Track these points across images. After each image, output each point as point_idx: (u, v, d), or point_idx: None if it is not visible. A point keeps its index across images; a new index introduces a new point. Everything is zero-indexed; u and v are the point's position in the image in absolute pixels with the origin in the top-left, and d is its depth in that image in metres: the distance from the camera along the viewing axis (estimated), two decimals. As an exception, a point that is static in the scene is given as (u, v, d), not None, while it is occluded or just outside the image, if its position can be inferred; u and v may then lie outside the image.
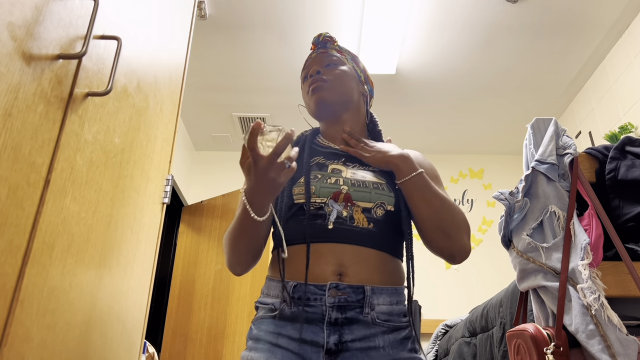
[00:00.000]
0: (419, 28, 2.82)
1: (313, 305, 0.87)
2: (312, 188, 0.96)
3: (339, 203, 0.94)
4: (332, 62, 1.11)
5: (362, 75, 1.16)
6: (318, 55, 1.13)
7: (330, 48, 1.15)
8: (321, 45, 1.16)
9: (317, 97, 1.07)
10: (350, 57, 1.16)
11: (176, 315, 3.28)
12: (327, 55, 1.13)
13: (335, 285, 0.87)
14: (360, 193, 0.95)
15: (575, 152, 1.30)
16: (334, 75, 1.09)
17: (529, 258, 1.24)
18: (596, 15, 2.70)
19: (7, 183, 0.71)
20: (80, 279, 0.94)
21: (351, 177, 0.98)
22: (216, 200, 3.56)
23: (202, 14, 2.68)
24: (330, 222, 0.93)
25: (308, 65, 1.14)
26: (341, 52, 1.15)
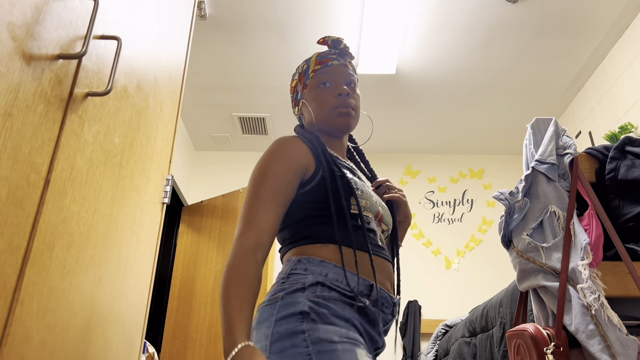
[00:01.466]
0: (419, 28, 2.82)
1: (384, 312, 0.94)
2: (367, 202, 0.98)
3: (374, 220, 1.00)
4: (352, 82, 1.11)
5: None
6: (340, 67, 1.11)
7: (348, 62, 1.14)
8: (340, 54, 1.13)
9: (346, 123, 1.07)
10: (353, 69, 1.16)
11: (176, 315, 3.28)
12: (348, 72, 1.11)
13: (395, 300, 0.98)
14: (387, 217, 1.05)
15: (575, 152, 1.30)
16: (356, 102, 1.10)
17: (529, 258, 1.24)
18: (596, 15, 2.70)
19: (7, 183, 0.71)
20: (80, 279, 0.94)
21: (377, 198, 1.05)
22: (216, 200, 3.56)
23: (202, 14, 2.69)
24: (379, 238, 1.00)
25: (330, 72, 1.10)
26: (353, 67, 1.15)
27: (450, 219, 4.04)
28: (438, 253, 3.92)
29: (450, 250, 3.93)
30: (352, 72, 1.12)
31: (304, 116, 1.14)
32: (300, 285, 0.88)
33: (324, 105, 1.07)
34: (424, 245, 3.95)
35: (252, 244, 0.86)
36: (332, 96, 1.07)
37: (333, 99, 1.07)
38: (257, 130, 3.93)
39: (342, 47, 1.13)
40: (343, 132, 1.10)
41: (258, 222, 0.89)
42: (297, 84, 1.16)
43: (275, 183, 0.94)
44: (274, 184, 0.94)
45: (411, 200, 4.12)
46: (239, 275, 0.82)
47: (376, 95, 3.47)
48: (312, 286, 0.88)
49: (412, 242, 3.95)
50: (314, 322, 0.83)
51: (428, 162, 4.23)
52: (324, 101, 1.08)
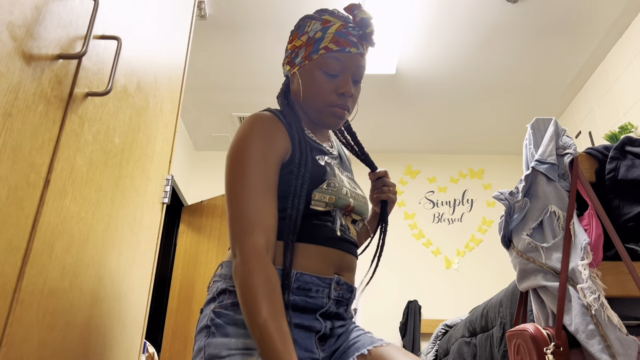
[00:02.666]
0: (419, 28, 2.82)
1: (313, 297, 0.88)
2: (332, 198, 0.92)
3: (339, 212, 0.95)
4: (361, 79, 1.01)
5: None
6: (356, 58, 0.97)
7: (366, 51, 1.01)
8: (362, 37, 0.98)
9: (335, 124, 0.99)
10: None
11: (176, 315, 3.28)
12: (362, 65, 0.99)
13: (337, 280, 0.91)
14: (360, 207, 0.99)
15: (575, 152, 1.30)
16: (355, 102, 1.01)
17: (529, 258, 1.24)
18: (596, 15, 2.70)
19: (7, 183, 0.71)
20: (80, 279, 0.94)
21: (350, 189, 0.98)
22: (216, 200, 3.56)
23: (202, 14, 2.68)
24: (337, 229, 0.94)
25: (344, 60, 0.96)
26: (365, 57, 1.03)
27: (450, 219, 4.04)
28: (438, 253, 3.92)
29: (450, 250, 3.93)
30: (365, 62, 1.00)
31: (293, 83, 1.02)
32: (212, 295, 0.87)
33: (321, 97, 0.97)
34: (424, 245, 3.95)
35: (263, 243, 0.80)
36: (333, 91, 0.96)
37: (333, 96, 0.96)
38: (257, 130, 3.93)
39: (368, 32, 0.97)
40: (328, 129, 1.03)
41: (263, 218, 0.82)
42: (301, 45, 1.00)
43: (264, 167, 0.87)
44: (264, 168, 0.86)
45: (411, 200, 4.12)
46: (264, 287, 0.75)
47: (376, 95, 3.47)
48: (220, 294, 0.86)
49: (412, 242, 3.95)
50: (211, 336, 0.81)
51: (428, 162, 4.23)
52: (323, 92, 0.97)
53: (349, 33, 0.97)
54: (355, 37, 0.97)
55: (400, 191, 4.15)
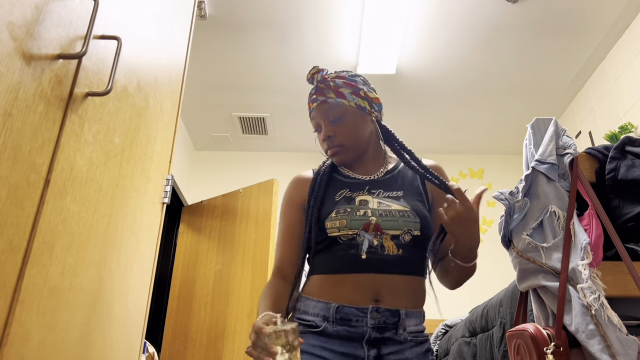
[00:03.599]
0: (419, 28, 2.82)
1: (354, 326, 0.99)
2: (343, 222, 1.05)
3: (369, 233, 1.03)
4: (336, 117, 1.12)
5: (367, 102, 1.15)
6: (320, 107, 1.14)
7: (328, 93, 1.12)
8: (317, 90, 1.14)
9: (339, 161, 1.16)
10: (350, 91, 1.13)
11: (176, 315, 3.28)
12: (329, 107, 1.12)
13: (375, 309, 0.99)
14: (388, 222, 1.04)
15: (575, 152, 1.30)
16: (343, 136, 1.12)
17: (529, 258, 1.24)
18: (596, 15, 2.70)
19: (7, 183, 0.71)
20: (80, 279, 0.94)
21: (378, 208, 1.06)
22: (216, 200, 3.56)
23: (202, 14, 2.68)
24: (363, 252, 1.02)
25: (314, 116, 1.16)
26: (339, 92, 1.12)
27: (450, 219, 4.04)
28: (438, 253, 3.91)
29: (450, 250, 3.92)
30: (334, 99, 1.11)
31: None
32: None
33: (322, 148, 1.18)
34: (424, 245, 3.94)
35: (278, 273, 1.10)
36: (322, 140, 1.16)
37: (323, 143, 1.16)
38: (257, 130, 3.93)
39: (316, 85, 1.14)
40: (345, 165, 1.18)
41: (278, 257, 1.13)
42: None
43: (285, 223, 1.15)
44: (284, 224, 1.16)
45: (411, 200, 4.12)
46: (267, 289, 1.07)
47: (376, 95, 3.47)
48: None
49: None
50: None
51: (428, 162, 4.23)
52: (320, 144, 1.18)
53: (311, 94, 1.17)
54: (314, 93, 1.15)
55: (400, 191, 4.15)
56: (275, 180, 3.20)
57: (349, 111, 1.13)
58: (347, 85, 1.14)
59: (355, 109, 1.13)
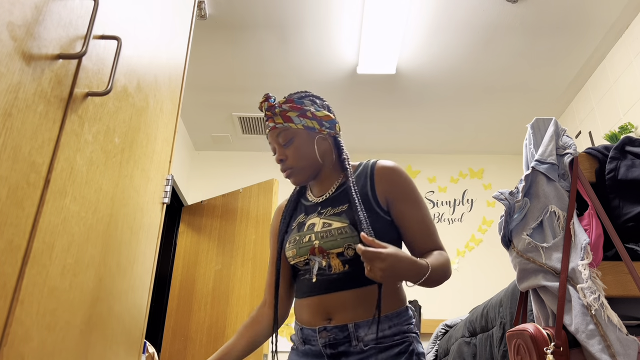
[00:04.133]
0: (419, 28, 2.82)
1: (314, 344, 1.10)
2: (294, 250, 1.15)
3: (317, 256, 1.12)
4: (286, 140, 1.18)
5: (315, 122, 1.18)
6: (272, 133, 1.20)
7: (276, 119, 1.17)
8: (267, 117, 1.20)
9: (294, 182, 1.21)
10: (297, 114, 1.17)
11: (176, 315, 3.28)
12: (278, 132, 1.18)
13: (323, 328, 1.08)
14: (329, 242, 1.10)
15: (575, 152, 1.30)
16: (292, 159, 1.17)
17: (529, 258, 1.24)
18: (596, 15, 2.70)
19: (7, 183, 0.71)
20: (80, 278, 0.94)
21: (321, 230, 1.13)
22: (216, 200, 3.56)
23: (202, 14, 2.68)
24: (313, 276, 1.11)
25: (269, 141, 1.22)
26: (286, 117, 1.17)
27: (450, 219, 4.04)
28: (438, 253, 3.91)
29: (450, 250, 3.92)
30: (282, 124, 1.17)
31: None
32: None
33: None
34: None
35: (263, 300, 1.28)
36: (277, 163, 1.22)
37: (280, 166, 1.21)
38: (257, 130, 3.93)
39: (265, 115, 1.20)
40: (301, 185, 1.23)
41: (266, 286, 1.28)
42: None
43: (270, 251, 1.29)
44: (270, 253, 1.29)
45: (411, 200, 4.11)
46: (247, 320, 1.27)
47: (376, 95, 3.47)
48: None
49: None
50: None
51: (428, 162, 4.23)
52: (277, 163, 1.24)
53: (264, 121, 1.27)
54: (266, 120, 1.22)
55: (400, 191, 4.15)
56: (275, 180, 3.20)
57: (297, 134, 1.18)
58: (294, 108, 1.17)
59: (303, 130, 1.18)
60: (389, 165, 1.19)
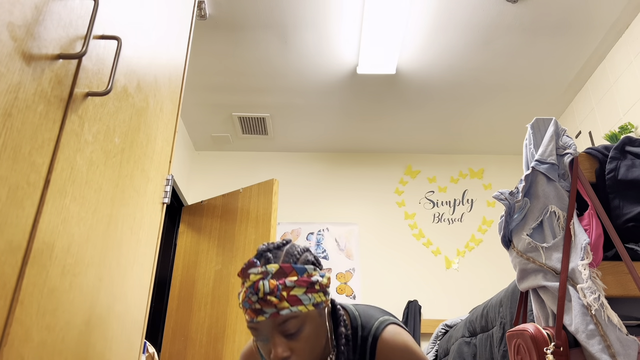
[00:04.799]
0: (419, 28, 2.82)
1: None
2: None
3: None
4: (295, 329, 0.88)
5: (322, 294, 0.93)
6: (267, 324, 0.88)
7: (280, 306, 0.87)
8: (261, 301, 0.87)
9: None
10: (305, 289, 0.89)
11: (176, 315, 3.28)
12: (283, 319, 0.88)
13: None
14: None
15: (575, 152, 1.30)
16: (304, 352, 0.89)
17: (529, 258, 1.24)
18: (596, 15, 2.70)
19: (7, 183, 0.71)
20: (80, 279, 0.94)
21: None
22: (216, 200, 3.56)
23: (202, 14, 2.68)
24: None
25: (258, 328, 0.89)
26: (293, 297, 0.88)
27: (450, 219, 4.04)
28: (438, 253, 3.92)
29: (450, 250, 3.93)
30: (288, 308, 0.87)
31: None
32: None
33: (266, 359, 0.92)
34: (424, 245, 3.95)
35: None
36: (269, 355, 0.90)
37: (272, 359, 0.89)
38: (257, 130, 3.93)
39: (261, 297, 0.87)
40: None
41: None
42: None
43: None
44: None
45: (411, 200, 4.12)
46: None
47: (376, 95, 3.47)
48: None
49: (412, 242, 3.95)
50: None
51: (428, 162, 4.23)
52: (266, 355, 0.91)
53: (251, 302, 0.88)
54: (257, 303, 0.88)
55: (400, 191, 4.15)
56: (275, 180, 3.20)
57: (308, 319, 0.90)
58: (300, 284, 0.89)
59: (314, 311, 0.92)
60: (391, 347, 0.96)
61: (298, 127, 3.89)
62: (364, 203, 4.07)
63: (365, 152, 4.26)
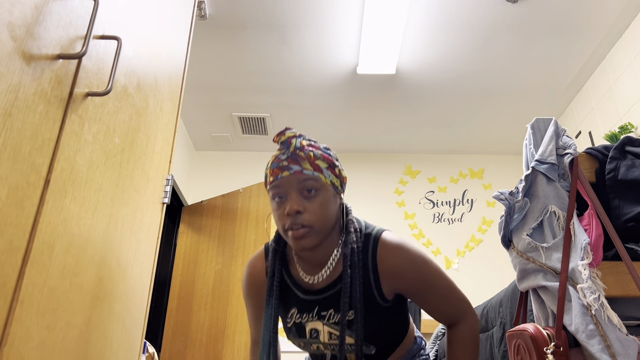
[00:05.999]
0: (419, 28, 2.82)
1: None
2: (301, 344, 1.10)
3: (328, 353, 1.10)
4: (310, 189, 0.98)
5: (339, 182, 1.04)
6: (291, 179, 0.98)
7: (304, 163, 0.99)
8: (291, 157, 0.99)
9: (300, 245, 0.98)
10: (327, 165, 1.01)
11: (176, 315, 3.28)
12: (303, 178, 0.98)
13: None
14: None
15: (575, 152, 1.30)
16: (314, 214, 0.97)
17: (529, 258, 1.24)
18: (596, 15, 2.70)
19: (7, 183, 0.71)
20: (80, 279, 0.94)
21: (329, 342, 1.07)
22: (216, 200, 3.56)
23: (202, 14, 2.68)
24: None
25: (280, 185, 0.99)
26: (315, 165, 1.00)
27: (450, 219, 4.04)
28: (438, 253, 3.92)
29: (450, 250, 3.93)
30: (311, 172, 0.98)
31: None
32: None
33: (279, 223, 1.00)
34: (424, 245, 3.95)
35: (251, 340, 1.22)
36: (283, 214, 0.98)
37: (284, 218, 0.98)
38: (257, 130, 3.93)
39: (292, 152, 0.99)
40: (302, 253, 1.04)
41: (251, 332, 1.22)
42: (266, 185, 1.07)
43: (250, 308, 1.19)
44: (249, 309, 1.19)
45: (411, 200, 4.12)
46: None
47: (376, 95, 3.47)
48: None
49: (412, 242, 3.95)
50: None
51: (428, 162, 4.23)
52: (278, 218, 1.00)
53: (279, 161, 1.01)
54: (286, 160, 1.00)
55: (400, 191, 4.15)
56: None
57: (325, 188, 1.00)
58: (324, 158, 1.02)
59: (330, 186, 1.01)
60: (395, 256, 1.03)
61: (298, 127, 3.89)
62: (364, 203, 4.07)
63: (365, 152, 4.26)
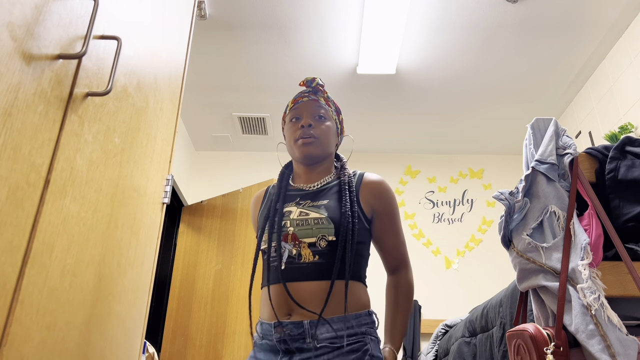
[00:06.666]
0: (419, 28, 2.82)
1: (270, 339, 1.10)
2: (266, 236, 1.16)
3: (289, 243, 1.12)
4: (321, 115, 1.25)
5: (339, 128, 1.31)
6: (310, 102, 1.25)
7: (320, 97, 1.27)
8: (313, 90, 1.28)
9: (306, 151, 1.21)
10: (334, 109, 1.29)
11: (176, 315, 3.28)
12: (318, 105, 1.25)
13: (278, 324, 1.08)
14: (304, 231, 1.12)
15: (575, 152, 1.30)
16: (321, 131, 1.23)
17: (529, 258, 1.24)
18: (596, 15, 2.70)
19: (7, 183, 0.71)
20: (80, 279, 0.94)
21: (297, 217, 1.15)
22: (216, 200, 3.56)
23: (202, 14, 2.68)
24: (282, 263, 1.11)
25: (299, 107, 1.26)
26: (328, 103, 1.28)
27: (450, 219, 4.04)
28: (438, 253, 3.92)
29: (450, 250, 3.93)
30: (324, 104, 1.26)
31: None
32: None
33: (291, 138, 1.24)
34: (424, 245, 3.95)
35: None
36: (297, 129, 1.23)
37: (297, 131, 1.23)
38: (257, 130, 3.93)
39: (314, 85, 1.27)
40: (305, 160, 1.23)
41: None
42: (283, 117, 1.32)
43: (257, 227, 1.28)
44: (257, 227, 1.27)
45: (411, 200, 4.12)
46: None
47: (376, 95, 3.47)
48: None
49: (412, 242, 3.95)
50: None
51: (428, 162, 4.23)
52: (291, 134, 1.24)
53: (302, 93, 1.29)
54: (307, 92, 1.28)
55: (400, 191, 4.15)
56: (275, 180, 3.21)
57: (330, 119, 1.27)
58: (334, 103, 1.31)
59: (334, 122, 1.28)
60: (377, 180, 1.24)
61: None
62: (364, 203, 4.07)
63: (365, 152, 4.26)
